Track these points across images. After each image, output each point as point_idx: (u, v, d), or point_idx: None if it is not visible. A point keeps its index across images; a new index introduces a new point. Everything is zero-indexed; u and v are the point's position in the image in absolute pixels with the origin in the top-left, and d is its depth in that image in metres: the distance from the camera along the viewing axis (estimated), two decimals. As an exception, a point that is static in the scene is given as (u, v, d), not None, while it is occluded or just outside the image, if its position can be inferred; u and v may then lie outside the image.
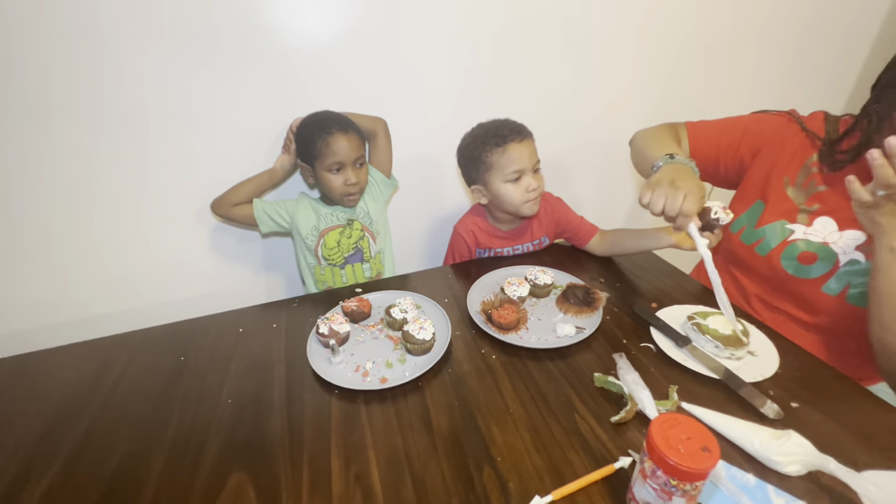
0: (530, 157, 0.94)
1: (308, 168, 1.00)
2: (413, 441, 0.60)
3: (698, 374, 0.67)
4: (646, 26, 1.26)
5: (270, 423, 0.64)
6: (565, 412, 0.63)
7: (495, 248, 1.05)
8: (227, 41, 0.97)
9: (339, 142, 0.95)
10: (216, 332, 0.83)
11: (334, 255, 1.06)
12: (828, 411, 0.61)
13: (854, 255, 0.73)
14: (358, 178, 0.99)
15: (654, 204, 0.70)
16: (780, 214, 0.80)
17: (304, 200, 1.06)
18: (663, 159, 0.79)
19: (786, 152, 0.82)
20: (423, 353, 0.74)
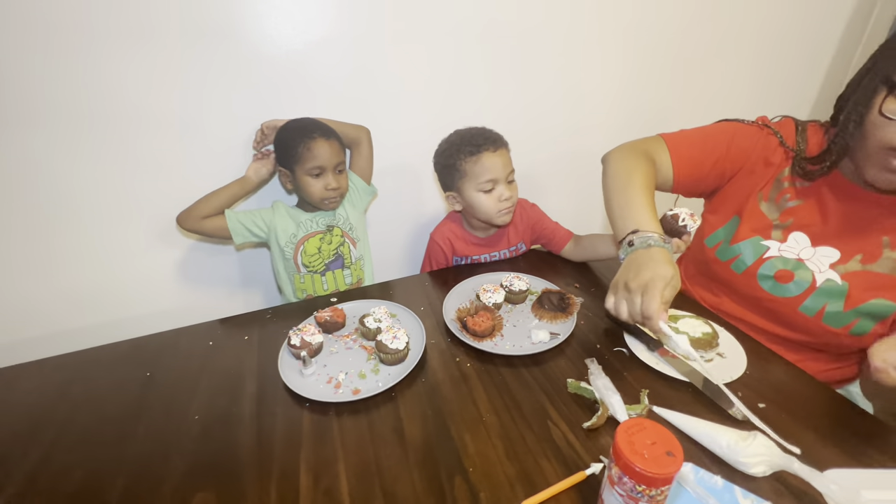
0: (504, 167, 0.95)
1: (287, 173, 1.00)
2: (385, 453, 0.59)
3: (669, 377, 0.68)
4: (622, 37, 1.28)
5: (239, 438, 0.62)
6: (538, 419, 0.63)
7: (472, 256, 1.05)
8: (199, 46, 0.95)
9: (320, 147, 0.95)
10: (185, 345, 0.81)
11: (315, 261, 1.05)
12: (793, 411, 0.62)
13: (829, 273, 0.71)
14: (339, 184, 1.00)
15: (617, 312, 0.66)
16: (755, 231, 0.78)
17: (280, 208, 1.05)
18: (623, 248, 0.71)
19: (759, 166, 0.80)
20: (397, 363, 0.73)
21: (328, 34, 1.03)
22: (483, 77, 1.20)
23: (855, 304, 0.69)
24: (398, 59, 1.11)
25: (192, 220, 0.99)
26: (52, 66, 0.89)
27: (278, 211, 1.04)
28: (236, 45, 0.98)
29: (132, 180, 1.02)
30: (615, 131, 1.43)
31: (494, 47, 1.17)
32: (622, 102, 1.40)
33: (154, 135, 1.00)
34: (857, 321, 0.70)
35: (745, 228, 0.80)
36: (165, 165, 1.03)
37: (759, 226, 0.78)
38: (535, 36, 1.20)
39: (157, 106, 0.98)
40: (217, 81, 0.99)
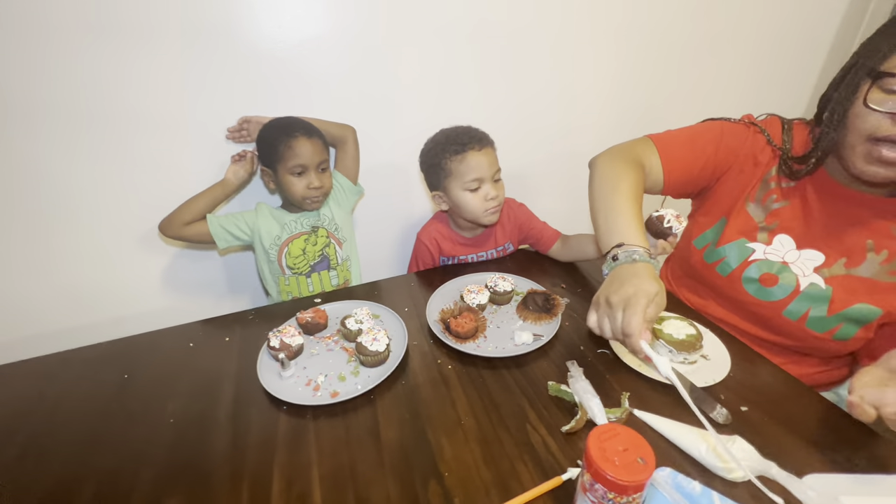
0: (489, 166, 0.94)
1: (270, 172, 0.99)
2: (360, 457, 0.58)
3: (652, 379, 0.67)
4: (614, 36, 1.27)
5: (214, 443, 0.61)
6: (517, 422, 0.62)
7: (459, 256, 1.04)
8: (197, 45, 0.94)
9: (302, 145, 0.94)
10: (165, 347, 0.80)
11: (300, 263, 1.03)
12: (776, 415, 0.61)
13: (813, 277, 0.70)
14: (321, 182, 0.99)
15: (600, 329, 0.62)
16: (741, 233, 0.77)
17: (264, 210, 1.04)
18: (607, 264, 0.67)
19: (747, 166, 0.79)
20: (377, 365, 0.72)
21: (322, 33, 1.02)
22: (474, 77, 1.19)
23: (838, 308, 0.68)
24: (391, 59, 1.10)
25: (174, 227, 0.97)
26: (50, 65, 0.88)
27: (261, 213, 1.03)
28: (233, 44, 0.97)
29: (125, 180, 1.02)
30: (607, 131, 1.42)
31: (485, 47, 1.16)
32: (614, 102, 1.38)
33: (149, 134, 0.99)
34: (841, 326, 0.69)
35: (731, 230, 0.78)
36: (159, 165, 1.02)
37: (745, 228, 0.77)
38: (526, 35, 1.19)
39: (153, 106, 0.97)
40: (214, 81, 0.99)
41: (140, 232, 1.08)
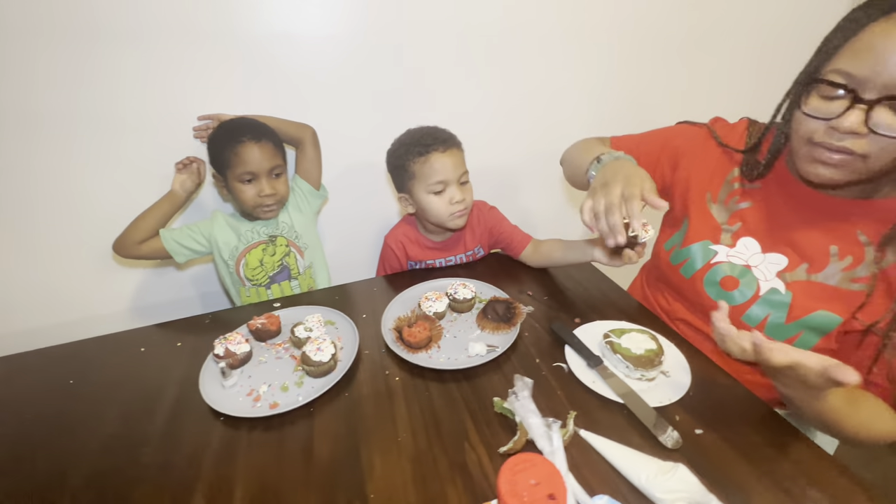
0: (455, 168, 0.90)
1: (221, 179, 0.95)
2: (288, 475, 0.56)
3: (605, 398, 0.63)
4: (605, 33, 1.22)
5: (144, 455, 0.60)
6: (456, 441, 0.59)
7: (426, 261, 1.01)
8: (171, 46, 0.93)
9: (250, 151, 0.90)
10: (117, 351, 0.79)
11: (258, 275, 1.00)
12: (733, 439, 0.57)
13: (775, 282, 0.67)
14: (274, 189, 0.95)
15: (594, 215, 0.62)
16: (704, 234, 0.75)
17: (220, 218, 1.00)
18: (593, 166, 0.75)
19: (706, 166, 0.78)
20: (323, 375, 0.70)
21: (290, 28, 0.99)
22: (456, 75, 1.16)
23: (797, 316, 0.65)
24: (371, 57, 1.07)
25: (127, 248, 0.94)
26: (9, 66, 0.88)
27: (217, 222, 0.99)
28: (180, 30, 0.94)
29: (86, 180, 1.01)
30: (594, 129, 1.36)
31: (471, 44, 1.13)
32: (602, 99, 1.33)
33: (117, 135, 0.98)
34: (801, 334, 0.65)
35: (694, 231, 0.76)
36: (119, 165, 1.01)
37: (708, 228, 0.75)
38: (512, 34, 1.15)
39: (121, 107, 0.96)
40: (183, 81, 0.97)
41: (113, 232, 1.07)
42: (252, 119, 0.95)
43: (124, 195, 1.00)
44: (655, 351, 0.67)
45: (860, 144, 0.54)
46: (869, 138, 0.53)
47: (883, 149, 0.53)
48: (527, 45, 1.18)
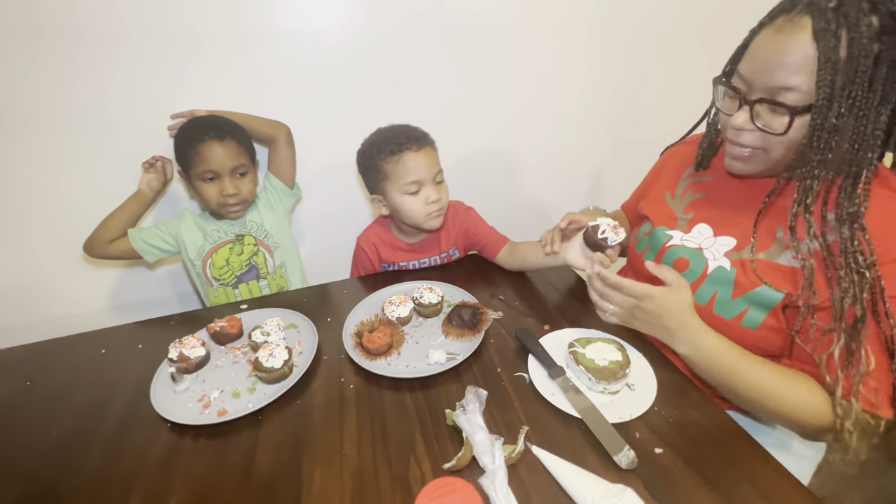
0: (429, 167, 0.88)
1: (186, 177, 0.94)
2: (225, 486, 0.54)
3: (564, 412, 0.60)
4: (586, 28, 1.18)
5: (87, 461, 0.59)
6: (402, 455, 0.56)
7: (400, 263, 0.99)
8: (104, 33, 0.90)
9: (211, 149, 0.88)
10: (77, 353, 0.79)
11: (225, 274, 0.98)
12: (694, 461, 0.53)
13: (722, 261, 0.68)
14: (237, 189, 0.93)
15: None
16: (661, 222, 0.78)
17: (188, 217, 0.99)
18: None
19: (670, 172, 0.83)
20: (276, 382, 0.68)
21: (280, 28, 0.98)
22: (440, 73, 1.13)
23: (742, 291, 0.65)
24: (353, 55, 1.05)
25: (97, 247, 0.93)
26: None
27: (185, 221, 0.98)
28: (184, 41, 0.94)
29: (61, 179, 1.00)
30: (584, 127, 1.33)
31: (451, 44, 1.10)
32: (598, 94, 1.29)
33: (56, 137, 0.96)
34: (747, 310, 0.64)
35: (654, 221, 0.79)
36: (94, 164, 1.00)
37: (665, 216, 0.78)
38: (505, 31, 1.12)
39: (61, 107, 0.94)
40: (153, 80, 0.96)
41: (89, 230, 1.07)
42: (218, 116, 0.93)
43: (99, 194, 0.99)
44: (620, 363, 0.63)
45: (753, 139, 0.59)
46: (759, 134, 0.58)
47: (772, 142, 0.58)
48: (510, 41, 1.14)
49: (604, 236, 0.69)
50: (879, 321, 0.54)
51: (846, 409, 0.55)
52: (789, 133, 0.55)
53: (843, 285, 0.55)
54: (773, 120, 0.56)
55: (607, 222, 0.72)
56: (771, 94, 0.55)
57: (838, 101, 0.51)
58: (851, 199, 0.55)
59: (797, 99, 0.53)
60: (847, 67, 0.50)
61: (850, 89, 0.50)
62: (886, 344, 0.55)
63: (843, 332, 0.56)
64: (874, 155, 0.54)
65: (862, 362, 0.55)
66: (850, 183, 0.55)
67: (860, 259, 0.54)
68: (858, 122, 0.52)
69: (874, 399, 0.55)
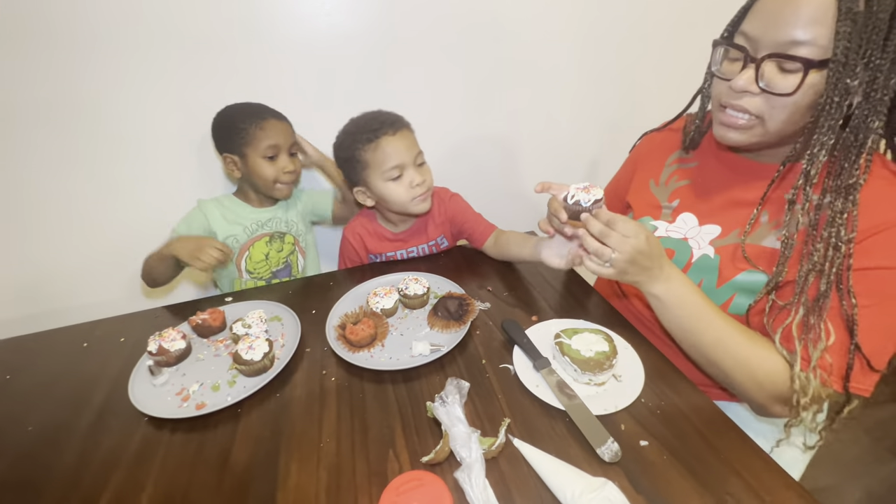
0: (408, 150, 0.86)
1: (235, 159, 0.94)
2: (199, 481, 0.53)
3: (547, 404, 0.59)
4: (588, 11, 1.15)
5: (61, 456, 0.58)
6: (380, 449, 0.55)
7: (387, 253, 0.97)
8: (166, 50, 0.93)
9: (275, 127, 0.92)
10: (58, 346, 0.78)
11: (261, 268, 1.01)
12: (680, 453, 0.52)
13: (707, 249, 0.67)
14: (294, 166, 0.96)
15: None
16: (645, 211, 0.76)
17: (212, 209, 0.97)
18: None
19: (652, 158, 0.81)
20: (256, 374, 0.67)
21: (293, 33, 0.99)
22: (446, 62, 1.12)
23: (727, 277, 0.64)
24: (356, 46, 1.04)
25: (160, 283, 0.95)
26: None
27: (210, 213, 0.97)
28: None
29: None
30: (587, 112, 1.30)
31: (452, 33, 1.09)
32: (593, 81, 1.26)
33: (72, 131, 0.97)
34: (733, 297, 0.64)
35: (637, 209, 0.78)
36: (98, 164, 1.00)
37: (649, 205, 0.76)
38: (500, 19, 1.10)
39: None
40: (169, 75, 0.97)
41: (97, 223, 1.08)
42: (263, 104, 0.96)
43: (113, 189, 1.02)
44: (606, 353, 0.62)
45: (754, 104, 0.55)
46: (762, 97, 0.55)
47: (774, 108, 0.54)
48: (504, 29, 1.11)
49: (574, 199, 0.64)
50: (842, 297, 0.54)
51: (804, 383, 0.55)
52: (797, 94, 0.51)
53: (814, 258, 0.54)
54: (781, 80, 0.52)
55: (576, 186, 0.66)
56: (782, 49, 0.50)
57: (854, 59, 0.47)
58: (852, 170, 0.53)
59: (810, 53, 0.49)
60: (865, 21, 0.47)
61: (866, 46, 0.47)
62: (847, 322, 0.54)
63: (801, 305, 0.55)
64: (880, 123, 0.51)
65: (821, 337, 0.54)
66: (855, 153, 0.52)
67: (842, 232, 0.53)
68: (869, 85, 0.49)
69: (826, 375, 0.55)
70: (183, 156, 1.05)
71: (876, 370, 0.54)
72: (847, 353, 0.54)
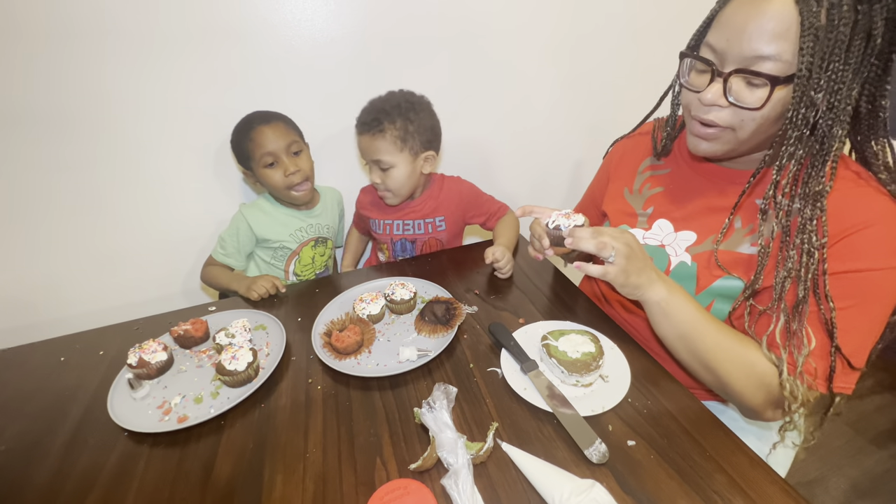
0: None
1: (249, 173, 0.98)
2: (181, 496, 0.52)
3: (535, 407, 0.58)
4: (569, 17, 1.17)
5: (35, 474, 0.56)
6: (367, 457, 0.54)
7: (385, 220, 1.04)
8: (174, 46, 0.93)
9: (262, 133, 0.92)
10: (34, 361, 0.75)
11: (307, 271, 1.04)
12: (666, 452, 0.52)
13: (683, 256, 0.68)
14: (297, 166, 0.95)
15: None
16: (621, 220, 0.76)
17: (256, 215, 1.00)
18: None
19: (625, 166, 0.80)
20: (240, 385, 0.65)
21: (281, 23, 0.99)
22: (429, 68, 1.13)
23: (705, 285, 0.65)
24: (355, 50, 1.06)
25: None
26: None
27: (255, 221, 0.99)
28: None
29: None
30: (569, 116, 1.31)
31: (436, 40, 1.10)
32: (573, 85, 1.27)
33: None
34: (713, 303, 0.65)
35: (614, 218, 0.78)
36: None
37: (624, 214, 0.76)
38: (483, 24, 1.12)
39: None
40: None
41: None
42: (259, 111, 0.98)
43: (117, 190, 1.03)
44: (593, 354, 0.62)
45: (723, 117, 0.55)
46: (731, 110, 0.54)
47: (743, 120, 0.54)
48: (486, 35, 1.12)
49: (555, 225, 0.65)
50: (820, 302, 0.54)
51: (793, 387, 0.55)
52: (764, 108, 0.52)
53: (788, 265, 0.55)
54: (749, 94, 0.52)
55: (557, 212, 0.67)
56: (747, 65, 0.51)
57: (817, 72, 0.48)
58: (819, 177, 0.54)
59: (776, 69, 0.50)
60: (826, 35, 0.47)
61: (828, 60, 0.48)
62: (826, 325, 0.55)
63: (782, 311, 0.56)
64: (843, 132, 0.52)
65: (804, 343, 0.55)
66: (821, 161, 0.53)
67: (813, 239, 0.54)
68: (833, 95, 0.50)
69: (812, 379, 0.55)
70: (170, 166, 1.05)
71: (857, 369, 0.55)
72: (828, 355, 0.55)
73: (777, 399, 0.57)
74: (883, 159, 0.55)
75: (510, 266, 0.86)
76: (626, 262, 0.57)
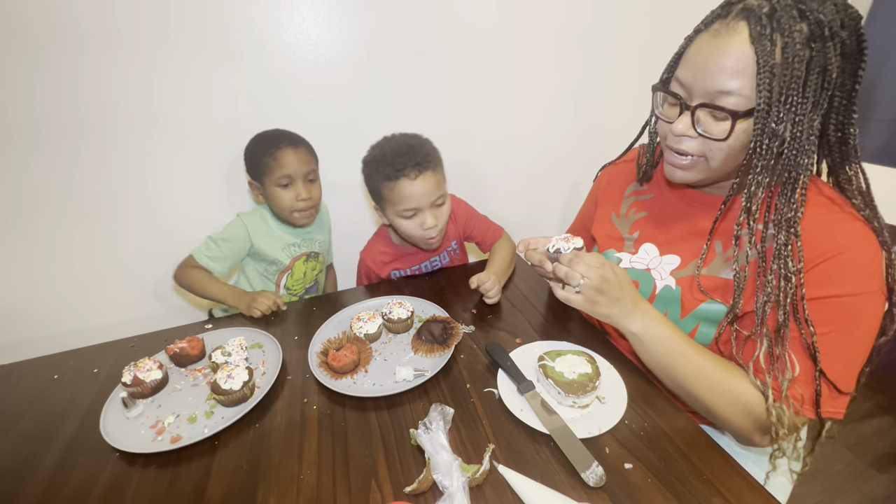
0: (426, 195, 0.86)
1: (258, 185, 0.97)
2: (172, 519, 0.51)
3: (532, 429, 0.58)
4: (565, 37, 1.21)
5: (24, 495, 0.55)
6: (362, 479, 0.54)
7: (412, 267, 1.01)
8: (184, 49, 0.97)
9: (287, 155, 0.92)
10: (27, 379, 0.74)
11: (298, 285, 1.05)
12: (663, 474, 0.52)
13: (668, 280, 0.69)
14: (309, 193, 0.96)
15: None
16: (610, 245, 0.78)
17: (258, 226, 0.99)
18: None
19: (612, 191, 0.83)
20: (236, 404, 0.65)
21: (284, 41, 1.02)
22: (426, 87, 1.17)
23: (689, 309, 0.65)
24: (355, 63, 1.09)
25: None
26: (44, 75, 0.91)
27: (254, 230, 0.98)
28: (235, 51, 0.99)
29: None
30: (565, 136, 1.34)
31: (450, 46, 1.14)
32: (570, 106, 1.31)
33: None
34: (698, 327, 0.65)
35: (602, 242, 0.80)
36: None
37: (612, 238, 0.78)
38: (478, 42, 1.15)
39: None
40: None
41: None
42: (287, 130, 0.98)
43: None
44: (590, 375, 0.62)
45: (694, 146, 0.58)
46: (700, 140, 0.57)
47: (712, 149, 0.57)
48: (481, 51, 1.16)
49: (555, 249, 0.67)
50: (801, 326, 0.55)
51: (779, 413, 0.56)
52: (730, 139, 0.54)
53: (767, 290, 0.56)
54: (714, 126, 0.55)
55: (556, 237, 0.69)
56: (711, 99, 0.54)
57: (776, 106, 0.51)
58: (790, 204, 0.55)
59: (737, 103, 0.53)
60: (782, 72, 0.50)
61: (786, 94, 0.50)
62: (809, 350, 0.55)
63: (765, 336, 0.57)
64: (810, 161, 0.54)
65: (787, 368, 0.55)
66: (790, 188, 0.55)
67: (789, 264, 0.55)
68: (795, 126, 0.52)
69: (799, 405, 0.56)
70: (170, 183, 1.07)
71: (845, 393, 0.55)
72: (813, 380, 0.55)
73: (765, 425, 0.57)
74: (857, 184, 0.57)
75: (496, 290, 0.84)
76: (594, 293, 0.60)
